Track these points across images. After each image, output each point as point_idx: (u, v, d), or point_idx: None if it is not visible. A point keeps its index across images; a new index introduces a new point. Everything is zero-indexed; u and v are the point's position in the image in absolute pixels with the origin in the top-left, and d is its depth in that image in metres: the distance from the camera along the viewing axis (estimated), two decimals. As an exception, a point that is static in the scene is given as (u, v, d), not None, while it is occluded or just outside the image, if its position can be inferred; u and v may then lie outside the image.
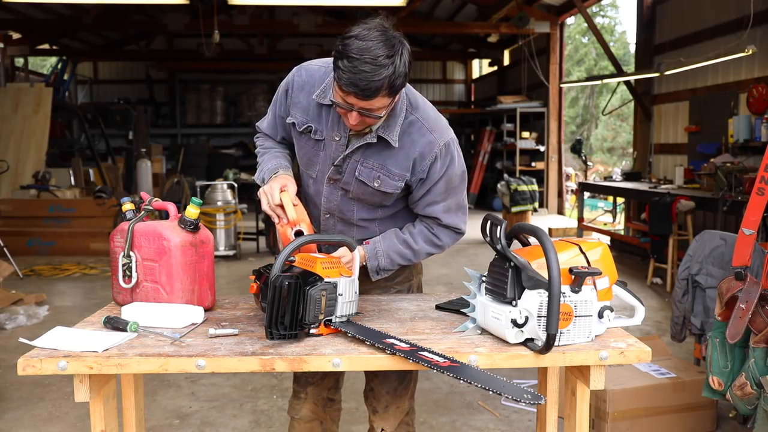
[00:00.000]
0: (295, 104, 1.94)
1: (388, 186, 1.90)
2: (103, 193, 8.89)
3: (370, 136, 1.85)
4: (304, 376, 2.16)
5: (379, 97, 1.67)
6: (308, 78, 1.94)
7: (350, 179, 1.92)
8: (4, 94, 10.64)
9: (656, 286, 6.44)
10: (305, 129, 1.93)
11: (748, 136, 6.27)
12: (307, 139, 1.94)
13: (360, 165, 1.89)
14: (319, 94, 1.89)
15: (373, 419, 2.16)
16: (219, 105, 17.93)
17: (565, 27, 12.15)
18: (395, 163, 1.88)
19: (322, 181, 1.97)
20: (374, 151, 1.87)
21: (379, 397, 2.14)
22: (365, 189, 1.92)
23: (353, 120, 1.74)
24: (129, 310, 1.80)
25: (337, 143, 1.89)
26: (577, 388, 1.70)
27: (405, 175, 1.89)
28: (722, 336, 2.33)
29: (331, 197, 1.98)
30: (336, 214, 2.01)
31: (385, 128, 1.84)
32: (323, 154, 1.93)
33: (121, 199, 1.96)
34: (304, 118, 1.92)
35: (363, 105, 1.69)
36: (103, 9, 11.53)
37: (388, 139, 1.84)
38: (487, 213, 1.74)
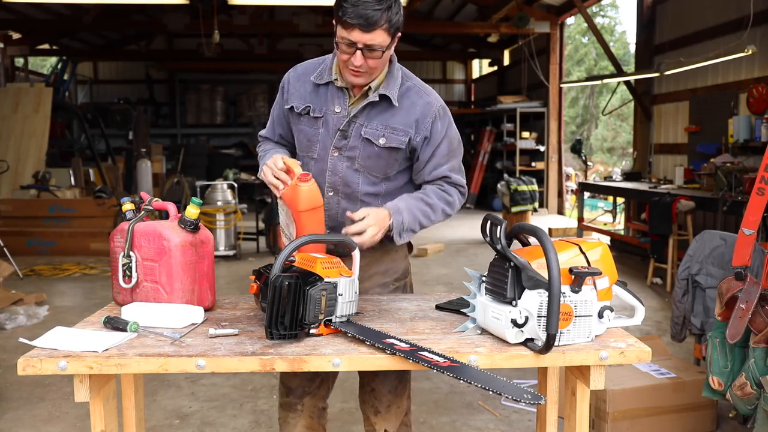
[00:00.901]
0: (293, 94, 2.06)
1: (393, 141, 1.98)
2: (103, 193, 8.89)
3: (372, 95, 1.95)
4: (301, 386, 2.11)
5: (379, 30, 1.81)
6: (303, 70, 2.09)
7: (356, 142, 1.99)
8: (4, 94, 10.64)
9: (656, 286, 6.44)
10: (303, 109, 2.03)
11: (748, 136, 6.27)
12: (306, 120, 2.04)
13: (364, 127, 1.98)
14: (317, 77, 2.02)
15: (375, 420, 2.14)
16: (219, 105, 17.93)
17: (565, 27, 12.15)
18: (398, 121, 1.98)
19: (324, 158, 2.03)
20: (377, 111, 1.97)
21: (381, 397, 2.12)
22: (371, 150, 1.99)
23: (358, 60, 1.85)
24: (129, 310, 1.80)
25: (337, 115, 1.99)
26: (577, 388, 1.70)
27: (409, 132, 1.98)
28: (722, 336, 2.33)
29: (336, 169, 2.02)
30: (340, 189, 2.03)
31: (386, 87, 1.96)
32: (323, 130, 2.02)
33: (121, 199, 1.96)
34: (302, 101, 2.04)
35: (366, 40, 1.82)
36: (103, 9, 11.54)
37: (389, 95, 1.95)
38: (487, 213, 1.75)
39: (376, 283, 2.16)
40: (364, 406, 2.19)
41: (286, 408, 2.15)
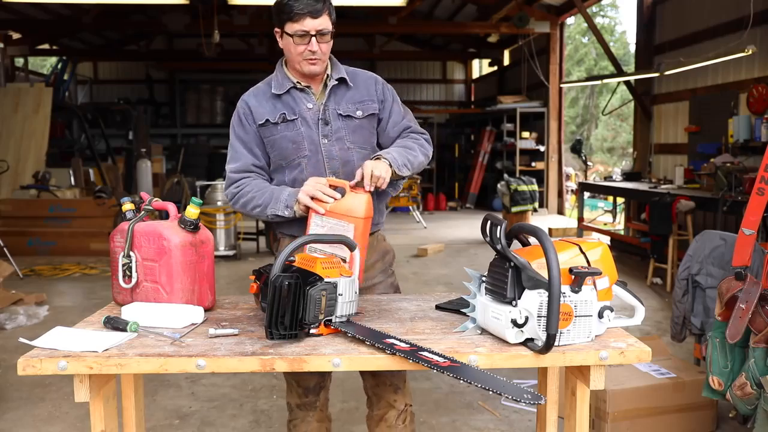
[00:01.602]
0: (259, 113, 2.17)
1: (368, 109, 2.21)
2: (103, 193, 8.89)
3: (330, 81, 2.17)
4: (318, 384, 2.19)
5: (325, 15, 2.06)
6: (255, 92, 2.22)
7: (338, 123, 2.18)
8: (4, 94, 10.64)
9: (656, 286, 6.44)
10: (279, 117, 2.15)
11: (748, 136, 6.27)
12: (285, 126, 2.15)
13: (338, 109, 2.18)
14: (276, 88, 2.16)
15: (395, 398, 2.20)
16: (219, 105, 17.92)
17: (565, 27, 12.15)
18: (360, 95, 2.21)
19: (316, 150, 2.16)
20: (341, 94, 2.19)
21: (398, 373, 2.19)
22: (353, 124, 2.19)
23: (314, 46, 2.06)
24: (129, 310, 1.80)
25: (311, 110, 2.16)
26: (577, 388, 1.70)
27: (373, 98, 2.23)
28: (722, 336, 2.32)
29: (332, 154, 2.16)
30: (340, 172, 2.16)
31: (338, 72, 2.19)
32: (304, 128, 2.15)
33: (121, 199, 1.96)
34: (273, 112, 2.16)
35: (316, 26, 2.04)
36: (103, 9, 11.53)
37: (343, 76, 2.19)
38: (487, 213, 1.75)
39: (378, 270, 2.28)
40: (378, 390, 2.22)
41: (305, 408, 2.23)
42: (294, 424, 2.26)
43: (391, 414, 2.21)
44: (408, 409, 2.24)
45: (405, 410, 2.22)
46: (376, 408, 2.25)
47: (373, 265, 2.26)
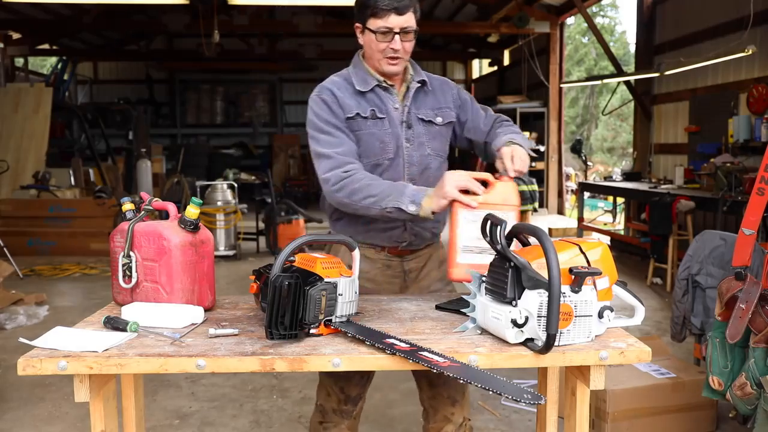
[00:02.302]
0: (348, 104, 2.08)
1: (447, 116, 2.19)
2: (103, 193, 8.89)
3: (413, 84, 2.13)
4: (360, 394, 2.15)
5: (410, 12, 2.02)
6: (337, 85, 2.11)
7: (420, 128, 2.13)
8: (4, 94, 10.64)
9: (656, 286, 6.44)
10: (371, 113, 2.09)
11: (748, 136, 6.27)
12: (374, 123, 2.09)
13: (419, 113, 2.14)
14: (360, 84, 2.09)
15: (452, 411, 2.14)
16: (219, 105, 17.93)
17: (565, 27, 12.14)
18: (439, 100, 2.19)
19: (399, 153, 2.11)
20: (421, 97, 2.15)
21: (457, 385, 2.13)
22: (434, 130, 2.16)
23: (397, 45, 2.01)
24: (129, 310, 1.80)
25: (397, 111, 2.11)
26: (577, 388, 1.70)
27: (450, 106, 2.20)
28: (722, 336, 2.32)
29: (412, 160, 2.12)
30: (418, 179, 2.12)
31: (418, 74, 2.15)
32: (390, 128, 2.10)
33: (121, 199, 1.96)
34: (363, 107, 2.09)
35: (401, 23, 2.00)
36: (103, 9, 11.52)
37: (424, 79, 2.15)
38: (487, 213, 1.75)
39: (434, 279, 2.24)
40: (435, 402, 2.17)
41: (341, 415, 2.17)
42: (325, 427, 2.19)
43: (449, 428, 2.15)
44: (467, 423, 2.17)
45: (463, 424, 2.16)
46: (432, 421, 2.20)
47: (428, 274, 2.23)
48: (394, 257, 2.19)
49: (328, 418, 2.20)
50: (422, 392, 2.21)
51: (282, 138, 17.00)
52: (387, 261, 2.19)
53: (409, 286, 2.23)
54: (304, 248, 1.86)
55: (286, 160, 16.45)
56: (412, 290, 2.22)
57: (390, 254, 2.18)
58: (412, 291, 2.22)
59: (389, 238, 2.14)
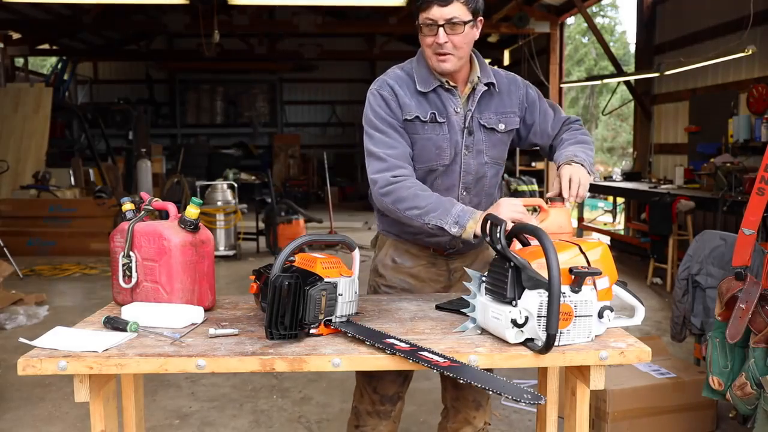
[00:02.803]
0: (407, 104, 2.00)
1: (510, 123, 2.09)
2: (103, 193, 8.89)
3: (478, 86, 2.02)
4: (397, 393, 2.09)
5: (457, 3, 1.87)
6: (399, 80, 2.03)
7: (480, 135, 2.04)
8: (4, 94, 10.64)
9: (656, 286, 6.44)
10: (430, 117, 2.00)
11: (748, 136, 6.27)
12: (432, 128, 2.01)
13: (481, 119, 2.04)
14: (421, 85, 2.00)
15: (475, 415, 2.13)
16: (219, 105, 17.91)
17: (565, 27, 12.14)
18: (506, 105, 2.08)
19: (456, 159, 2.03)
20: (486, 101, 2.04)
21: (482, 390, 2.11)
22: (495, 138, 2.06)
23: (441, 38, 1.88)
24: (129, 310, 1.80)
25: (458, 115, 2.02)
26: (577, 388, 1.70)
27: (515, 111, 2.09)
28: (722, 336, 2.32)
29: (469, 168, 2.05)
30: (472, 188, 2.07)
31: (486, 76, 2.03)
32: (449, 134, 2.01)
33: (121, 199, 1.96)
34: (423, 109, 2.00)
35: (445, 15, 1.87)
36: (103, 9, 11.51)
37: (492, 81, 2.03)
38: (488, 213, 1.74)
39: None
40: (458, 403, 2.16)
41: (379, 416, 2.12)
42: (362, 431, 2.15)
43: (467, 430, 2.14)
44: (486, 428, 2.15)
45: (483, 429, 2.14)
46: (452, 421, 2.18)
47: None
48: (439, 256, 2.16)
49: (362, 422, 2.15)
50: (446, 392, 2.19)
51: (282, 138, 17.00)
52: (432, 259, 2.16)
53: (453, 285, 2.20)
54: (304, 248, 1.87)
55: (286, 160, 16.45)
56: (455, 289, 2.20)
57: (436, 252, 2.16)
58: (456, 290, 2.20)
59: (437, 244, 2.10)
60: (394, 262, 2.17)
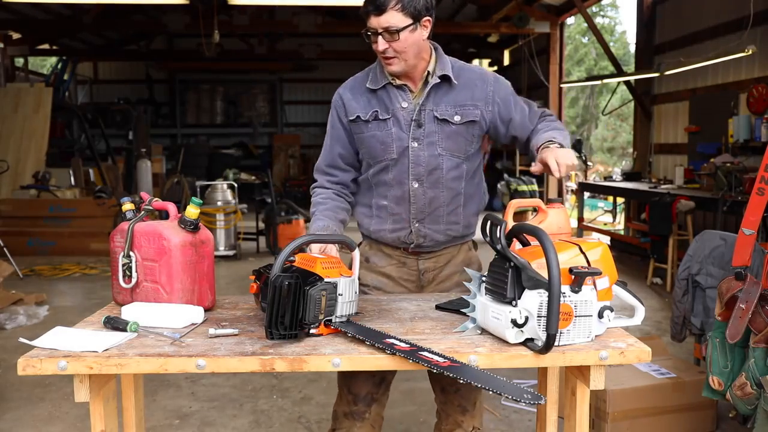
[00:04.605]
0: (350, 108, 2.11)
1: (468, 115, 2.07)
2: (103, 193, 8.89)
3: (432, 78, 2.04)
4: (370, 394, 2.10)
5: (391, 11, 1.90)
6: (353, 84, 2.15)
7: (432, 126, 2.06)
8: (4, 94, 10.64)
9: (656, 286, 6.44)
10: (371, 115, 2.07)
11: (748, 136, 6.27)
12: (376, 125, 2.08)
13: (435, 110, 2.06)
14: (371, 83, 2.08)
15: (462, 419, 2.14)
16: (219, 105, 17.92)
17: (565, 27, 12.14)
18: (464, 97, 2.07)
19: (404, 153, 2.07)
20: (441, 93, 2.06)
21: (468, 395, 2.13)
22: (449, 129, 2.06)
23: (380, 45, 1.95)
24: (129, 310, 1.80)
25: (405, 109, 2.06)
26: (577, 388, 1.70)
27: (477, 104, 2.08)
28: (722, 336, 2.32)
29: (419, 159, 2.07)
30: (425, 179, 2.08)
31: (441, 68, 2.05)
32: (395, 129, 2.06)
33: (121, 199, 1.96)
34: (366, 109, 2.09)
35: (381, 23, 1.91)
36: (103, 9, 11.51)
37: (447, 74, 2.04)
38: (487, 213, 1.75)
39: (455, 282, 2.20)
40: (447, 407, 2.17)
41: (353, 417, 2.12)
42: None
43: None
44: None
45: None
46: (444, 423, 2.19)
47: (449, 277, 2.20)
48: (409, 255, 2.18)
49: (338, 424, 2.16)
50: (436, 396, 2.21)
51: (282, 138, 17.01)
52: (403, 258, 2.18)
53: (425, 286, 2.21)
54: (304, 248, 1.87)
55: (286, 160, 16.46)
56: (429, 291, 2.20)
57: (405, 252, 2.17)
58: (429, 292, 2.20)
59: (397, 239, 2.14)
60: (368, 261, 2.22)
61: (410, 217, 2.11)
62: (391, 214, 2.13)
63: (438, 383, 2.17)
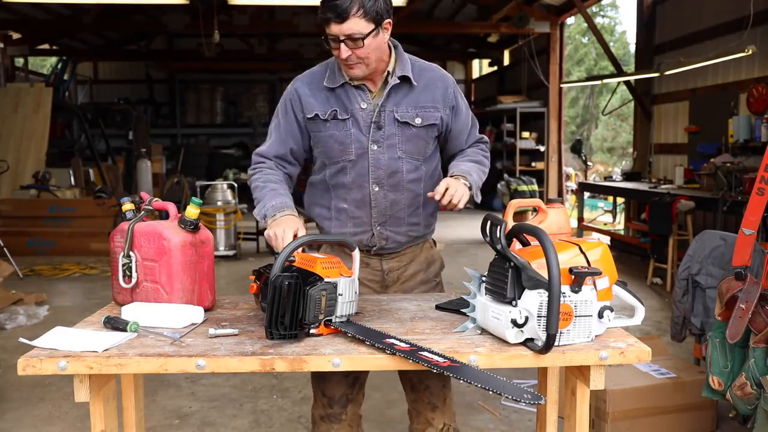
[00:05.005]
0: (309, 103, 2.05)
1: (429, 118, 2.05)
2: (103, 193, 8.89)
3: (392, 78, 2.00)
4: (345, 395, 2.10)
5: (354, 18, 1.84)
6: (310, 78, 2.08)
7: (393, 129, 2.03)
8: (4, 94, 10.64)
9: (656, 286, 6.43)
10: (330, 114, 2.02)
11: (748, 136, 6.27)
12: (335, 125, 2.03)
13: (395, 113, 2.02)
14: (329, 81, 2.02)
15: (432, 416, 2.14)
16: (219, 105, 17.93)
17: (565, 27, 12.14)
18: (425, 99, 2.05)
19: (363, 155, 2.04)
20: (402, 95, 2.03)
21: (437, 393, 2.12)
22: (409, 132, 2.04)
23: (343, 53, 1.89)
24: (129, 310, 1.80)
25: (365, 110, 2.02)
26: (577, 388, 1.70)
27: (437, 107, 2.06)
28: (722, 336, 2.32)
29: (379, 162, 2.04)
30: (385, 182, 2.05)
31: (401, 69, 2.01)
32: (354, 130, 2.02)
33: (121, 199, 1.96)
34: (325, 107, 2.03)
35: (344, 30, 1.86)
36: (103, 9, 11.52)
37: (407, 74, 2.01)
38: (487, 213, 1.75)
39: (419, 281, 2.20)
40: (417, 405, 2.17)
41: (329, 420, 2.12)
42: None
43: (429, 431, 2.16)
44: (449, 429, 2.16)
45: (444, 430, 2.15)
46: (416, 422, 2.19)
47: (413, 276, 2.19)
48: (372, 256, 2.15)
49: (316, 428, 2.16)
50: (407, 395, 2.20)
51: (282, 138, 16.98)
52: (366, 259, 2.15)
53: (389, 286, 2.18)
54: (304, 248, 1.87)
55: (286, 160, 16.44)
56: (394, 291, 2.19)
57: (367, 253, 2.15)
58: (394, 292, 2.19)
59: (359, 242, 2.09)
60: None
61: (372, 220, 2.08)
62: (352, 217, 2.09)
63: (408, 381, 2.16)
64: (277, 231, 1.90)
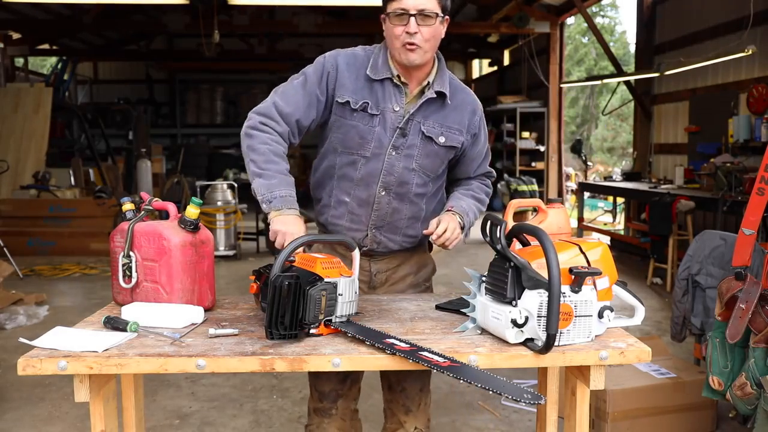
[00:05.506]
0: (344, 86, 1.97)
1: (452, 140, 2.03)
2: (103, 193, 8.89)
3: (429, 91, 1.97)
4: (334, 390, 2.11)
5: None
6: (353, 60, 2.00)
7: (415, 140, 1.99)
8: (4, 94, 10.63)
9: (656, 286, 6.43)
10: (361, 105, 1.96)
11: (748, 136, 6.27)
12: (361, 117, 1.98)
13: (422, 125, 1.99)
14: (372, 71, 1.97)
15: (405, 419, 2.14)
16: (219, 105, 17.94)
17: (565, 27, 12.14)
18: (453, 120, 2.03)
19: (379, 156, 2.00)
20: (433, 109, 2.00)
21: (412, 396, 2.13)
22: (430, 148, 2.01)
23: (413, 27, 1.85)
24: (129, 310, 1.80)
25: (396, 113, 1.98)
26: (577, 388, 1.70)
27: (462, 131, 2.05)
28: (722, 336, 2.32)
29: (393, 168, 2.01)
30: (393, 189, 2.03)
31: (440, 83, 1.98)
32: (379, 128, 1.98)
33: (121, 199, 1.96)
34: (358, 96, 1.97)
35: (418, 4, 1.84)
36: (103, 9, 11.52)
37: (444, 91, 1.98)
38: (487, 213, 1.75)
39: (408, 284, 2.19)
40: (392, 405, 2.18)
41: (321, 413, 2.14)
42: (310, 429, 2.17)
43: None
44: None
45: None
46: (389, 422, 2.20)
47: (402, 279, 2.18)
48: (362, 257, 2.10)
49: (310, 420, 2.19)
50: (384, 394, 2.21)
51: (282, 138, 16.99)
52: None
53: (377, 287, 2.17)
54: (305, 248, 1.87)
55: (285, 160, 16.46)
56: (381, 292, 2.18)
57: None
58: (382, 293, 2.18)
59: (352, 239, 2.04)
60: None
61: (369, 222, 2.07)
62: (351, 212, 2.07)
63: (386, 381, 2.16)
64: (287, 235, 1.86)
